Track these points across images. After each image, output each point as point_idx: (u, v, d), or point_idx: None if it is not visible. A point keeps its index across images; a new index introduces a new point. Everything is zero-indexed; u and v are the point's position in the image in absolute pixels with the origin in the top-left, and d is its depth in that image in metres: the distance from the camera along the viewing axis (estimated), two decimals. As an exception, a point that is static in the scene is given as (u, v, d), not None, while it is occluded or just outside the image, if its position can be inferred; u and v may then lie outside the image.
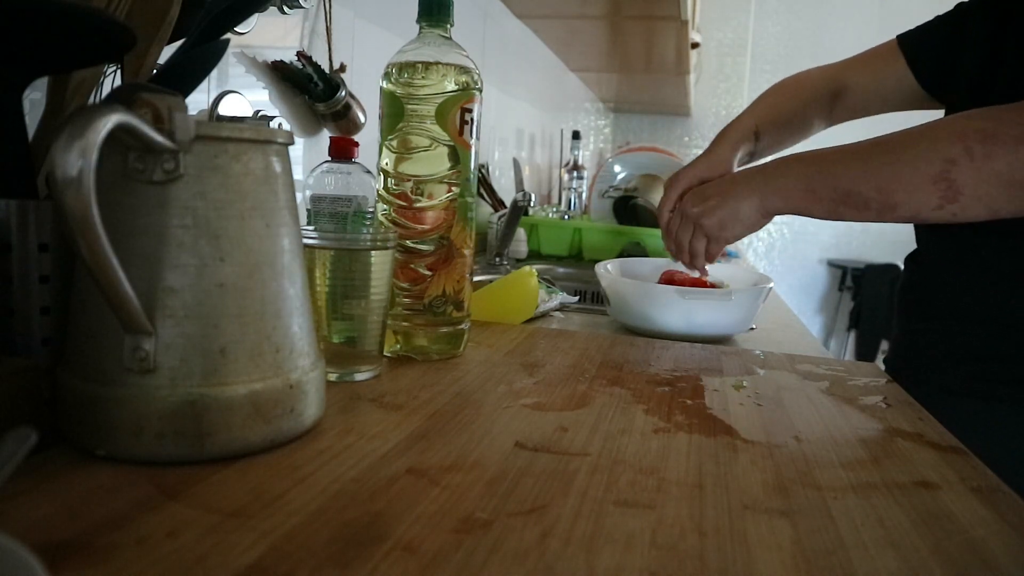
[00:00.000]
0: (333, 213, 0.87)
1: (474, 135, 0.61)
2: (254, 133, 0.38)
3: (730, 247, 2.12)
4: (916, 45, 0.86)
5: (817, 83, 0.93)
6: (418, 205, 0.60)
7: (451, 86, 0.59)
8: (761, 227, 0.76)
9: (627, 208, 1.75)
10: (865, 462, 0.44)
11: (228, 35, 0.50)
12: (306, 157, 1.02)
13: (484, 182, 1.61)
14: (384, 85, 0.60)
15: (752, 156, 0.91)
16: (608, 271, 0.89)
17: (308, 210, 0.88)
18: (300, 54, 0.87)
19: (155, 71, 0.48)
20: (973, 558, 0.33)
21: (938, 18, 0.86)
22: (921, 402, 0.59)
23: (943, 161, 0.59)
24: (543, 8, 1.75)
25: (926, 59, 0.85)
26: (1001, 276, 0.73)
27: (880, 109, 0.92)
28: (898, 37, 0.88)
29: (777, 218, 0.79)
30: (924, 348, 0.80)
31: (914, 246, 0.87)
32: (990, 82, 0.72)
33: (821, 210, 0.68)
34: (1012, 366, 0.72)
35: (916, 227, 0.84)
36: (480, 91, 0.61)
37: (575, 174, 2.37)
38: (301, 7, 0.88)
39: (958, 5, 0.84)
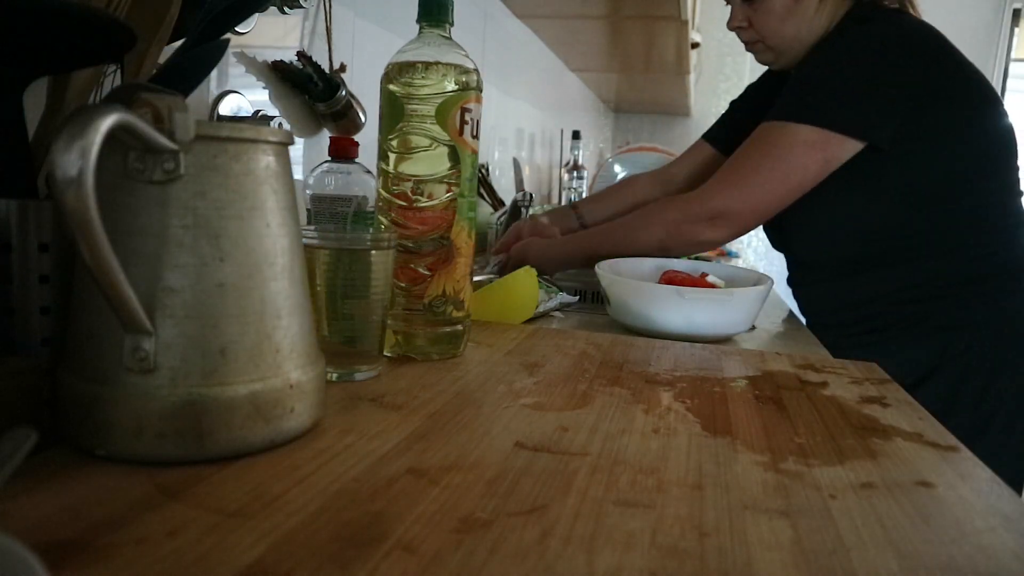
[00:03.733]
0: (333, 213, 0.87)
1: (474, 135, 0.61)
2: (254, 133, 0.38)
3: (730, 247, 2.12)
4: (714, 132, 1.29)
5: (646, 188, 1.30)
6: (418, 205, 0.60)
7: (451, 86, 0.59)
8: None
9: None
10: (865, 462, 0.44)
11: (228, 35, 0.50)
12: (306, 157, 1.02)
13: (484, 182, 1.61)
14: (384, 85, 0.60)
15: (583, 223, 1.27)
16: (608, 271, 0.89)
17: (308, 210, 0.88)
18: (300, 54, 0.87)
19: (155, 71, 0.48)
20: (973, 558, 0.33)
21: (732, 102, 1.29)
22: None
23: (658, 240, 1.00)
24: (543, 8, 1.75)
25: (722, 136, 1.26)
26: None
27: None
28: (703, 135, 1.30)
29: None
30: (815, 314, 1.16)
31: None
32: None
33: (578, 265, 1.04)
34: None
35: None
36: (480, 91, 0.61)
37: (575, 174, 2.37)
38: (301, 7, 0.88)
39: (747, 87, 1.29)
